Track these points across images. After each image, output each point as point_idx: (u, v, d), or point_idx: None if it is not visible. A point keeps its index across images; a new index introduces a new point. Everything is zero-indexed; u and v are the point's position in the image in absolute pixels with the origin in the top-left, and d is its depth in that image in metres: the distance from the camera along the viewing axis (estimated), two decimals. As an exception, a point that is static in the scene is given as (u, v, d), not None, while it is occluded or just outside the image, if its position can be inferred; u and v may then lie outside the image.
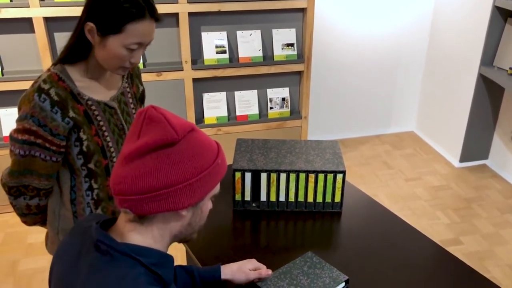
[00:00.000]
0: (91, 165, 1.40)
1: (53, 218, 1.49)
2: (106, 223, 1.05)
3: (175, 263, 1.41)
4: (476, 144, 3.65)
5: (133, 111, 1.52)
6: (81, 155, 1.38)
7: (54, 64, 1.37)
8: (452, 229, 2.99)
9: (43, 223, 1.54)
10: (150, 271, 0.97)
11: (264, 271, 1.39)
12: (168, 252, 1.06)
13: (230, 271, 1.38)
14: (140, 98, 1.59)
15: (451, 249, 2.75)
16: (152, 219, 0.98)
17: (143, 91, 1.61)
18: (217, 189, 1.04)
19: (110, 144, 1.42)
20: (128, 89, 1.52)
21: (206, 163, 0.98)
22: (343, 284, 1.40)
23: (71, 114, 1.33)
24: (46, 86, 1.30)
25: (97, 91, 1.41)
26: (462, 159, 3.68)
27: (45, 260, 2.71)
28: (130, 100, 1.52)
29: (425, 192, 3.38)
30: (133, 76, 1.56)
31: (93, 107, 1.39)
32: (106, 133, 1.41)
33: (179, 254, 2.73)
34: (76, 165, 1.39)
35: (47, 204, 1.48)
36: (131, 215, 0.97)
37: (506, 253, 2.78)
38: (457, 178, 3.55)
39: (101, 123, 1.40)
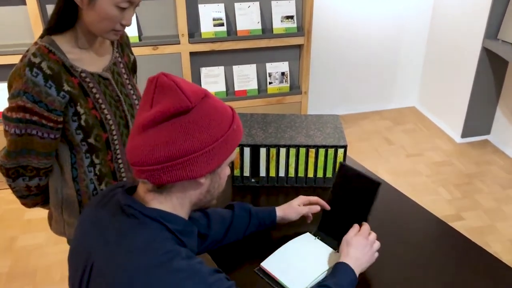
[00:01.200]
0: (91, 140, 1.35)
1: (56, 198, 1.44)
2: (128, 190, 1.05)
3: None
4: (478, 119, 3.60)
5: (127, 81, 1.47)
6: (80, 130, 1.33)
7: (41, 37, 1.30)
8: (453, 204, 2.97)
9: (44, 203, 1.49)
10: (176, 237, 0.97)
11: (314, 207, 1.47)
12: None
13: (282, 209, 1.45)
14: (132, 68, 1.53)
15: (453, 225, 2.71)
16: (171, 189, 0.98)
17: (135, 60, 1.55)
18: (234, 154, 1.03)
19: (108, 117, 1.37)
20: (119, 59, 1.46)
21: (222, 129, 0.96)
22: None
23: (66, 87, 1.27)
24: (37, 60, 1.24)
25: (89, 63, 1.35)
26: (464, 135, 3.64)
27: (43, 236, 2.69)
28: (123, 71, 1.46)
29: (426, 168, 3.34)
30: (122, 45, 1.49)
31: (88, 79, 1.33)
32: (103, 106, 1.36)
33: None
34: (76, 141, 1.34)
35: (47, 184, 1.43)
36: (150, 185, 0.97)
37: (508, 228, 2.76)
38: (459, 153, 3.51)
39: (97, 95, 1.35)
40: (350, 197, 1.45)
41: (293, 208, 1.46)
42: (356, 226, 1.33)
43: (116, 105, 1.40)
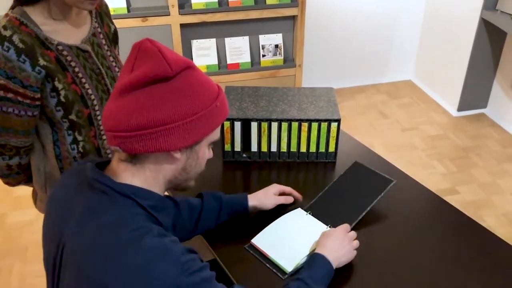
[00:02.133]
0: (73, 116, 1.29)
1: (39, 176, 1.39)
2: (101, 165, 1.01)
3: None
4: (475, 93, 3.55)
5: (108, 53, 1.40)
6: (60, 107, 1.27)
7: (11, 8, 1.23)
8: (448, 179, 2.94)
9: (27, 182, 1.44)
10: (149, 214, 0.94)
11: (289, 198, 1.42)
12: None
13: (256, 199, 1.39)
14: (113, 39, 1.46)
15: (447, 199, 2.69)
16: (144, 160, 0.94)
17: (116, 30, 1.48)
18: (215, 135, 0.99)
19: (90, 91, 1.31)
20: (99, 29, 1.38)
21: (203, 104, 0.92)
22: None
23: (42, 62, 1.20)
24: (7, 33, 1.16)
25: (66, 34, 1.27)
26: (460, 108, 3.59)
27: (34, 213, 2.65)
28: (103, 42, 1.39)
29: (421, 142, 3.31)
30: (101, 14, 1.41)
31: (65, 53, 1.26)
32: (83, 80, 1.29)
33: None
34: (56, 118, 1.28)
35: (29, 162, 1.38)
36: (123, 155, 0.93)
37: (502, 202, 2.74)
38: (454, 127, 3.48)
39: (76, 69, 1.28)
40: (355, 189, 1.45)
41: (269, 197, 1.40)
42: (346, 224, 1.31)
43: (97, 78, 1.34)
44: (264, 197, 1.39)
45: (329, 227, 1.37)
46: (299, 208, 1.45)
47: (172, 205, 1.01)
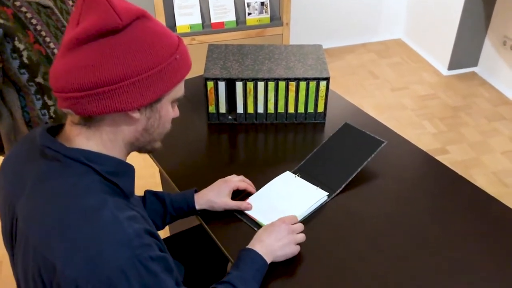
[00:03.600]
0: (39, 79, 1.20)
1: (10, 145, 1.31)
2: (55, 129, 0.91)
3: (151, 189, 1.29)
4: (465, 51, 3.48)
5: (73, 8, 1.29)
6: (24, 69, 1.17)
7: None
8: (438, 138, 2.91)
9: (0, 152, 1.36)
10: (107, 181, 0.85)
11: (244, 204, 1.27)
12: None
13: (206, 200, 1.25)
14: None
15: (438, 159, 2.67)
16: (99, 122, 0.85)
17: None
18: (179, 91, 0.90)
19: (56, 51, 1.21)
20: None
21: (160, 57, 0.83)
22: (326, 198, 1.30)
23: None
24: None
25: None
26: (450, 67, 3.53)
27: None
28: None
29: (411, 102, 3.25)
30: None
31: (24, 9, 1.15)
32: (47, 39, 1.19)
33: (152, 176, 2.63)
34: (21, 81, 1.19)
35: None
36: (76, 117, 0.85)
37: (492, 161, 2.73)
38: (445, 86, 3.42)
39: (38, 27, 1.18)
40: (345, 150, 1.40)
41: (221, 202, 1.25)
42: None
43: (63, 37, 1.24)
44: (214, 200, 1.25)
45: (318, 188, 1.32)
46: (288, 171, 1.40)
47: (133, 169, 0.93)
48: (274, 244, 1.10)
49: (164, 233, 2.15)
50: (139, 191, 1.28)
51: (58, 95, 0.83)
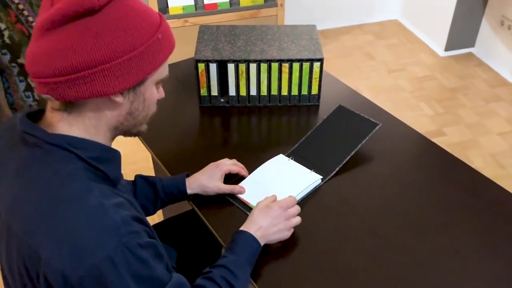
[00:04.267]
0: (22, 60, 1.17)
1: None
2: (37, 115, 0.88)
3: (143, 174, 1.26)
4: (463, 31, 3.43)
5: None
6: (6, 49, 1.14)
7: None
8: (435, 120, 2.88)
9: None
10: (92, 167, 0.82)
11: (237, 188, 1.24)
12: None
13: (197, 185, 1.23)
14: None
15: (435, 141, 2.64)
16: (81, 107, 0.81)
17: None
18: (163, 72, 0.87)
19: None
20: None
21: (141, 37, 0.79)
22: (319, 181, 1.28)
23: None
24: None
25: None
26: (447, 48, 3.48)
27: None
28: None
29: (408, 84, 3.22)
30: None
31: None
32: (30, 19, 1.16)
33: (146, 160, 2.60)
34: (3, 62, 1.16)
35: None
36: (56, 103, 0.81)
37: (489, 142, 2.70)
38: (442, 67, 3.38)
39: (21, 6, 1.14)
40: (339, 133, 1.37)
41: (214, 186, 1.22)
42: (274, 195, 1.16)
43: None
44: (206, 184, 1.22)
45: (312, 171, 1.30)
46: (281, 154, 1.37)
47: (119, 155, 0.90)
48: (270, 229, 1.08)
49: (158, 218, 2.13)
50: (132, 175, 1.25)
51: (36, 81, 0.79)
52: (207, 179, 1.23)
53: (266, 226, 1.08)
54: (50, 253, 0.74)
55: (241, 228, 1.07)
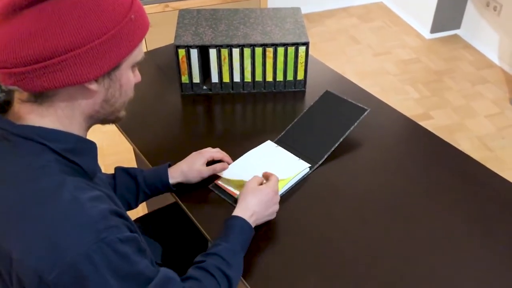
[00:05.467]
0: None
1: None
2: (3, 107, 0.81)
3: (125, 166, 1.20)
4: (448, 13, 3.39)
5: None
6: None
7: None
8: (422, 103, 2.86)
9: None
10: (65, 159, 0.77)
11: (219, 166, 1.20)
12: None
13: (179, 172, 1.18)
14: None
15: (422, 124, 2.62)
16: (52, 97, 0.75)
17: None
18: (138, 54, 0.81)
19: None
20: None
21: (113, 19, 0.73)
22: (307, 169, 1.24)
23: None
24: None
25: None
26: (433, 30, 3.45)
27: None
28: None
29: (394, 67, 3.18)
30: None
31: None
32: None
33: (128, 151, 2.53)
34: None
35: None
36: (24, 94, 0.75)
37: (476, 125, 2.69)
38: (427, 50, 3.35)
39: None
40: (327, 119, 1.32)
41: (194, 171, 1.17)
42: (258, 176, 1.12)
43: None
44: (188, 170, 1.17)
45: (300, 159, 1.25)
46: (269, 141, 1.32)
47: (95, 146, 0.84)
48: (263, 213, 1.06)
49: (142, 210, 2.08)
50: (114, 166, 1.20)
51: (1, 72, 0.72)
52: (188, 166, 1.18)
53: (259, 211, 1.05)
54: (24, 253, 0.69)
55: (234, 213, 1.03)
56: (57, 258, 0.68)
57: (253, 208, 1.04)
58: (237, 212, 1.04)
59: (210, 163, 1.22)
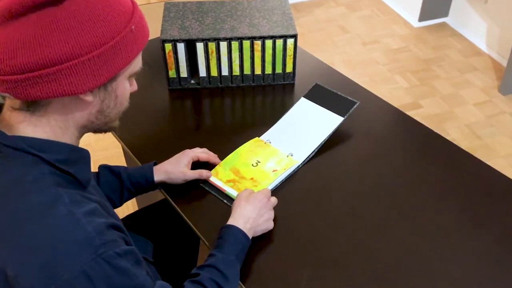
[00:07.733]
0: None
1: None
2: None
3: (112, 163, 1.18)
4: (436, 0, 3.39)
5: None
6: None
7: None
8: (411, 93, 2.86)
9: None
10: (59, 170, 0.74)
11: (205, 172, 1.17)
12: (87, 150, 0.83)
13: (163, 172, 1.15)
14: None
15: (411, 113, 2.63)
16: (45, 107, 0.73)
17: None
18: (136, 65, 0.79)
19: None
20: None
21: (112, 30, 0.71)
22: (297, 164, 1.23)
23: None
24: None
25: None
26: (421, 18, 3.44)
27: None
28: None
29: (383, 56, 3.18)
30: None
31: None
32: None
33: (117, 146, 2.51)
34: None
35: None
36: (16, 102, 0.73)
37: (465, 113, 2.70)
38: (416, 39, 3.34)
39: None
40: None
41: (179, 172, 1.15)
42: (249, 189, 1.09)
43: None
44: (171, 171, 1.15)
45: (290, 155, 1.24)
46: (257, 138, 1.31)
47: (88, 154, 0.82)
48: (258, 220, 1.03)
49: (133, 207, 2.06)
50: (104, 162, 1.18)
51: None
52: (172, 166, 1.16)
53: (254, 217, 1.02)
54: (18, 270, 0.67)
55: (229, 222, 1.01)
56: (54, 276, 0.67)
57: (248, 215, 1.01)
58: (231, 221, 1.01)
59: (198, 165, 1.20)
